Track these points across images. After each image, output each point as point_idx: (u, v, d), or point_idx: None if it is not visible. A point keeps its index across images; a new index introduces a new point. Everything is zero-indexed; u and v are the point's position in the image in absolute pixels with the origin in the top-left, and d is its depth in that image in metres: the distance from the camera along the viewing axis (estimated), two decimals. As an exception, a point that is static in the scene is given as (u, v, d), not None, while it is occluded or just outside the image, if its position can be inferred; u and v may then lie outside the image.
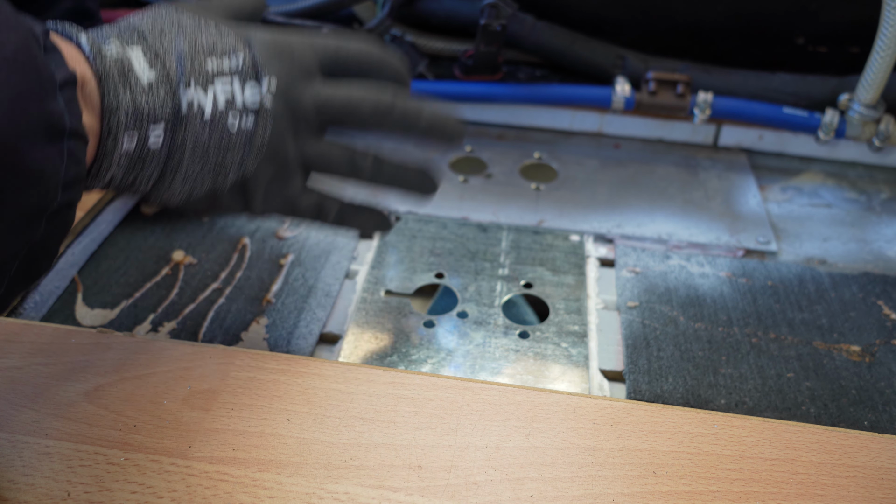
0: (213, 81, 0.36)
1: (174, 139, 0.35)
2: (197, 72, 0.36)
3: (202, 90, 0.35)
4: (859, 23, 0.65)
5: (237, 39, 0.37)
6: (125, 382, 0.39)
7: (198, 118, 0.35)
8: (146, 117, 0.33)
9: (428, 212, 0.59)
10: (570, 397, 0.39)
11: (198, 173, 0.36)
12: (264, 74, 0.37)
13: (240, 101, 0.37)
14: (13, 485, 0.34)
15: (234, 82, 0.36)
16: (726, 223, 0.59)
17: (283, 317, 0.48)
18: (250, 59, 0.37)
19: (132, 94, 0.33)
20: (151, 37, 0.35)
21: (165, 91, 0.34)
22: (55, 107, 0.28)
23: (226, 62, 0.36)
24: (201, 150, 0.36)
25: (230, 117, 0.36)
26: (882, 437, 0.38)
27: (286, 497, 0.34)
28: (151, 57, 0.34)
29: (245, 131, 0.37)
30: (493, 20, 0.65)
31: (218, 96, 0.36)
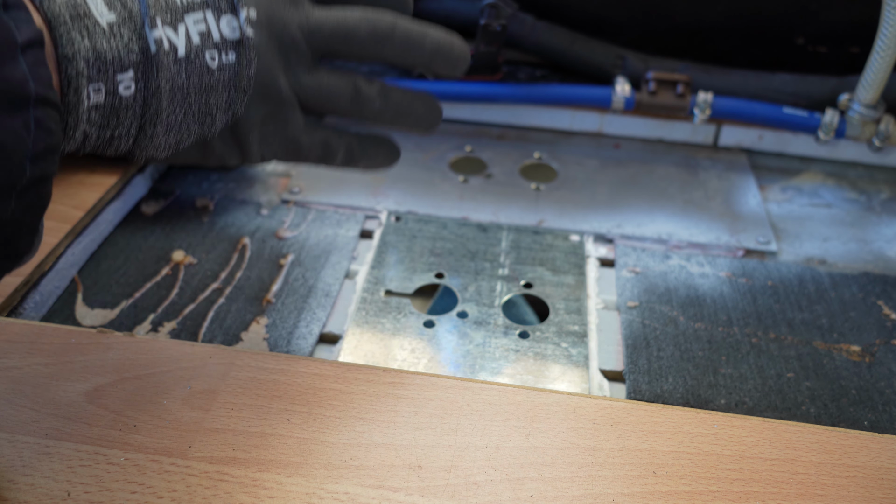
0: (182, 18, 0.32)
1: (147, 85, 0.31)
2: (163, 8, 0.32)
3: (171, 28, 0.32)
4: (859, 23, 0.65)
5: None
6: (125, 382, 0.39)
7: (171, 58, 0.32)
8: (111, 64, 0.30)
9: (428, 212, 0.59)
10: (570, 397, 0.39)
11: (181, 120, 0.33)
12: (241, 3, 0.34)
13: (216, 35, 0.33)
14: (13, 485, 0.34)
15: (208, 15, 0.33)
16: (726, 223, 0.59)
17: (283, 317, 0.48)
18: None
19: (91, 40, 0.30)
20: None
21: (129, 32, 0.31)
22: (15, 72, 0.26)
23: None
24: (181, 93, 0.32)
25: (208, 54, 0.33)
26: (882, 437, 0.38)
27: (286, 497, 0.34)
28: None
29: (228, 67, 0.34)
30: (493, 20, 0.65)
31: (191, 32, 0.32)
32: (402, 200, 0.60)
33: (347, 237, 0.55)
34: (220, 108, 0.34)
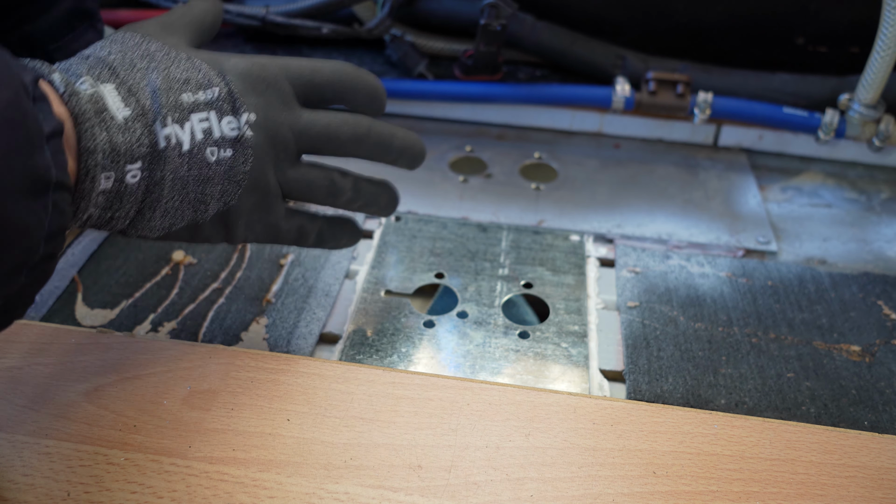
0: (188, 117, 0.35)
1: (152, 175, 0.34)
2: (173, 107, 0.35)
3: (178, 126, 0.35)
4: (859, 23, 0.65)
5: (211, 72, 0.37)
6: (125, 382, 0.39)
7: (175, 152, 0.35)
8: (123, 156, 0.33)
9: (428, 212, 0.59)
10: (570, 397, 0.39)
11: (177, 207, 0.36)
12: (242, 107, 0.37)
13: (217, 133, 0.36)
14: (13, 485, 0.34)
15: (212, 116, 0.36)
16: (726, 223, 0.59)
17: (283, 317, 0.48)
18: (226, 93, 0.37)
19: (108, 134, 0.32)
20: (123, 71, 0.35)
21: (142, 128, 0.34)
22: (42, 160, 0.28)
23: (201, 95, 0.36)
24: (180, 184, 0.35)
25: (208, 150, 0.36)
26: (882, 437, 0.38)
27: (286, 497, 0.34)
28: (125, 93, 0.34)
29: (225, 163, 0.37)
30: (493, 20, 0.65)
31: (195, 130, 0.36)
32: (402, 200, 0.59)
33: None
34: (214, 197, 0.37)
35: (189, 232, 0.38)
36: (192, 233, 0.38)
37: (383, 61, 0.74)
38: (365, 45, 0.77)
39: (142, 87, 0.35)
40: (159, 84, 0.35)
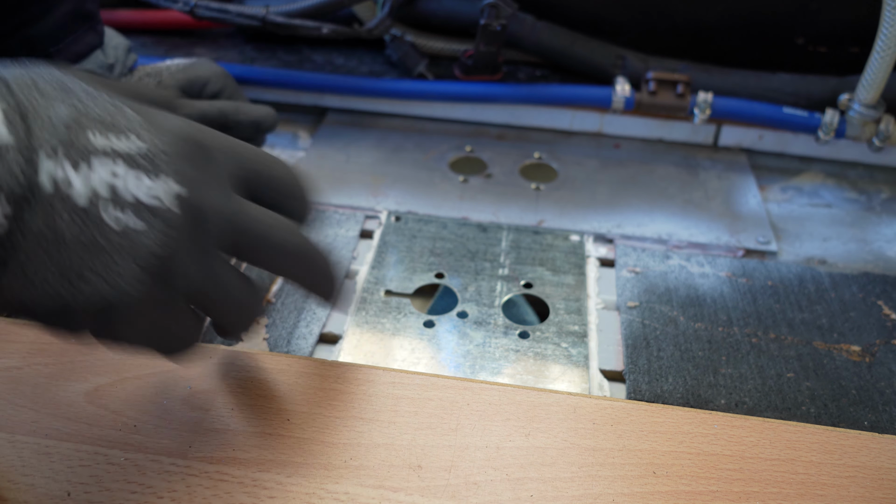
0: (88, 159, 0.27)
1: (24, 225, 0.26)
2: (70, 143, 0.27)
3: (71, 166, 0.27)
4: (859, 23, 0.65)
5: (138, 121, 0.29)
6: (125, 382, 0.39)
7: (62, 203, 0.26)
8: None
9: (428, 212, 0.59)
10: (570, 397, 0.39)
11: (42, 272, 0.27)
12: (170, 174, 0.29)
13: (128, 196, 0.28)
14: (13, 485, 0.34)
15: (124, 172, 0.28)
16: (726, 223, 0.59)
17: (283, 317, 0.48)
18: (152, 148, 0.29)
19: None
20: (21, 93, 0.27)
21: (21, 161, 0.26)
22: None
23: (114, 140, 0.28)
24: (53, 240, 0.27)
25: (111, 213, 0.27)
26: (882, 437, 0.38)
27: (286, 497, 0.34)
28: (12, 115, 0.26)
29: (132, 235, 0.28)
30: (493, 20, 0.65)
31: (98, 182, 0.27)
32: (402, 200, 0.60)
33: (347, 237, 0.55)
34: (101, 274, 0.28)
35: (55, 316, 0.28)
36: (57, 317, 0.28)
37: (383, 61, 0.74)
38: (365, 45, 0.77)
39: (38, 113, 0.27)
40: (64, 114, 0.27)
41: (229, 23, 0.70)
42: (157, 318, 0.30)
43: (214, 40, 0.79)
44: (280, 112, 0.68)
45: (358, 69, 0.73)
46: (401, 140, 0.68)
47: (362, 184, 0.61)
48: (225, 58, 0.74)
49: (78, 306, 0.28)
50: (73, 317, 0.28)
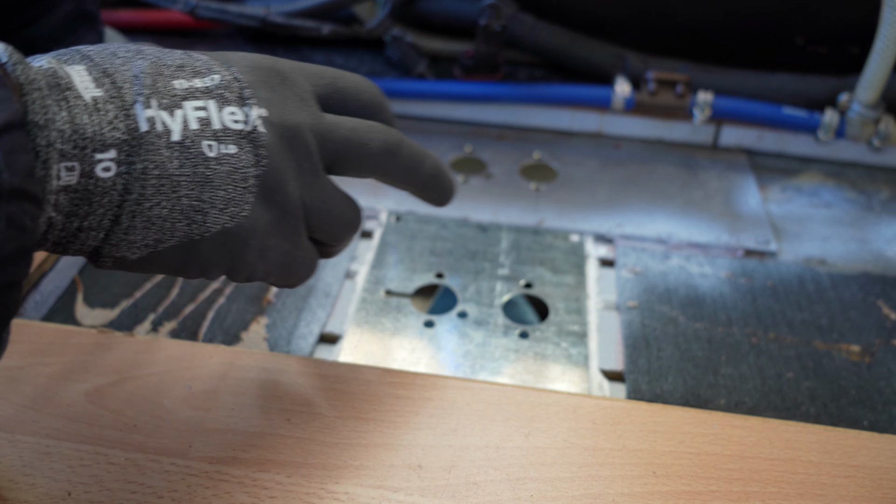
0: (180, 104, 0.29)
1: (131, 169, 0.27)
2: (160, 92, 0.28)
3: (167, 112, 0.28)
4: (859, 23, 0.65)
5: (212, 61, 0.31)
6: (125, 382, 0.39)
7: (162, 141, 0.28)
8: (91, 141, 0.26)
9: (428, 212, 0.59)
10: (570, 397, 0.39)
11: (165, 215, 0.28)
12: (250, 99, 0.31)
13: (217, 124, 0.29)
14: (13, 484, 0.34)
15: (210, 105, 0.29)
16: (726, 223, 0.59)
17: (283, 317, 0.48)
18: (230, 80, 0.31)
19: (69, 113, 0.26)
20: (99, 57, 0.28)
21: (116, 109, 0.27)
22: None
23: (198, 82, 0.30)
24: (170, 183, 0.28)
25: (205, 142, 0.29)
26: (882, 437, 0.38)
27: (286, 497, 0.34)
28: (97, 74, 0.27)
29: (227, 161, 0.29)
30: (493, 20, 0.65)
31: (189, 118, 0.29)
32: (402, 200, 0.60)
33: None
34: (215, 205, 0.29)
35: (182, 254, 0.30)
36: (185, 256, 0.30)
37: (383, 61, 0.74)
38: (365, 46, 0.77)
39: (121, 70, 0.28)
40: (144, 68, 0.29)
41: (229, 23, 0.70)
42: (278, 243, 0.31)
43: (214, 40, 0.79)
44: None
45: (358, 69, 0.73)
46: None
47: (362, 184, 0.61)
48: (225, 58, 0.74)
49: (202, 239, 0.29)
50: (200, 254, 0.30)
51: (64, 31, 0.51)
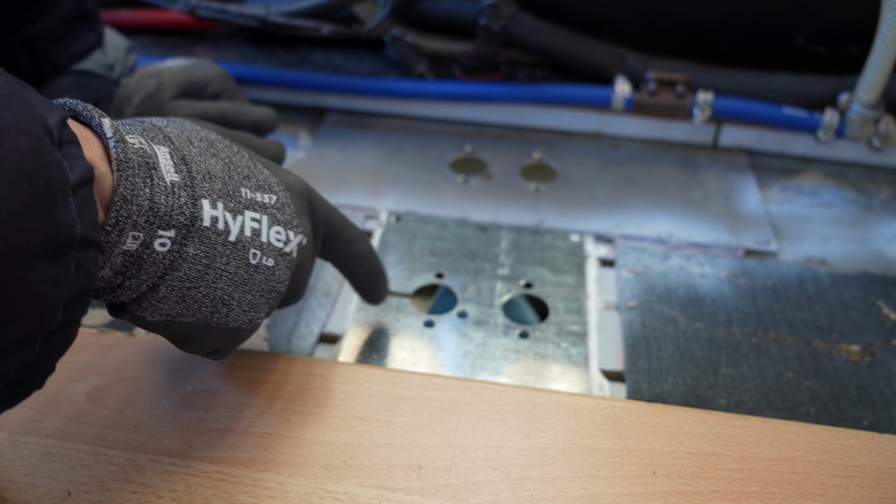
0: (242, 211, 0.33)
1: (183, 251, 0.31)
2: (228, 195, 0.33)
3: (230, 214, 0.32)
4: (859, 23, 0.65)
5: (272, 179, 0.36)
6: (125, 382, 0.39)
7: (219, 238, 0.32)
8: (159, 220, 0.29)
9: (428, 212, 0.59)
10: (570, 397, 0.39)
11: (199, 298, 0.32)
12: (297, 226, 0.36)
13: (265, 237, 0.34)
14: (14, 484, 0.34)
15: (263, 220, 0.34)
16: (726, 223, 0.59)
17: (283, 317, 0.48)
18: (284, 203, 0.36)
19: (151, 192, 0.29)
20: (178, 142, 0.32)
21: (187, 197, 0.30)
22: (65, 216, 0.25)
23: (259, 196, 0.34)
24: (213, 273, 0.32)
25: (252, 251, 0.33)
26: (882, 437, 0.38)
27: (286, 497, 0.34)
28: (178, 160, 0.31)
29: (263, 272, 0.34)
30: (493, 20, 0.65)
31: (245, 226, 0.33)
32: (402, 200, 0.60)
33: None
34: (241, 305, 0.34)
35: (192, 332, 0.33)
36: (194, 334, 0.33)
37: (383, 61, 0.74)
38: (365, 46, 0.77)
39: (197, 161, 0.32)
40: (218, 171, 0.33)
41: (229, 23, 0.70)
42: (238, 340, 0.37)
43: (214, 40, 0.79)
44: (280, 112, 0.68)
45: (358, 69, 0.73)
46: (401, 140, 0.68)
47: (362, 184, 0.61)
48: (225, 58, 0.75)
49: (216, 329, 0.33)
50: (206, 337, 0.33)
51: (63, 31, 0.51)
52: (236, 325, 0.34)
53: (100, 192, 0.28)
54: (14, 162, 0.23)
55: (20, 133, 0.24)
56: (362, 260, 0.42)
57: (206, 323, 0.33)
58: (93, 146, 0.28)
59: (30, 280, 0.24)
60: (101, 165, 0.28)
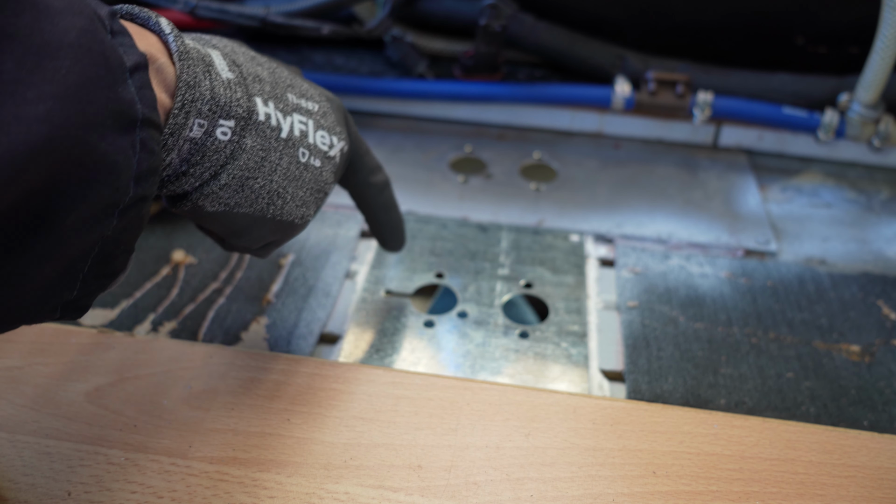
0: (290, 112, 0.35)
1: (242, 140, 0.33)
2: (276, 97, 0.35)
3: (281, 114, 0.35)
4: (859, 23, 0.65)
5: (314, 90, 0.38)
6: (125, 382, 0.39)
7: (273, 133, 0.34)
8: (221, 108, 0.31)
9: (428, 212, 0.59)
10: (570, 397, 0.39)
11: (255, 189, 0.34)
12: (339, 132, 0.38)
13: (311, 140, 0.36)
14: (14, 484, 0.34)
15: (310, 123, 0.36)
16: (726, 223, 0.59)
17: (283, 317, 0.48)
18: (326, 111, 0.38)
19: (211, 83, 0.31)
20: (226, 50, 0.34)
21: (243, 93, 0.33)
22: (126, 94, 0.26)
23: (304, 103, 0.37)
24: (269, 166, 0.34)
25: (301, 149, 0.36)
26: (882, 436, 0.38)
27: (286, 497, 0.34)
28: (229, 62, 0.33)
29: (312, 171, 0.36)
30: (493, 21, 0.65)
31: (294, 125, 0.35)
32: (402, 200, 0.60)
33: (347, 237, 0.55)
34: (294, 200, 0.36)
35: (248, 222, 0.35)
36: (249, 224, 0.35)
37: (383, 61, 0.74)
38: (365, 46, 0.77)
39: (245, 65, 0.34)
40: (265, 76, 0.35)
41: (229, 23, 0.70)
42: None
43: (214, 40, 0.78)
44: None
45: (358, 69, 0.73)
46: (401, 140, 0.68)
47: (362, 184, 0.61)
48: (225, 58, 0.74)
49: (267, 219, 0.35)
50: (261, 228, 0.36)
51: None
52: (290, 219, 0.36)
53: (164, 80, 0.30)
54: (73, 38, 0.25)
55: (74, 13, 0.25)
56: (380, 190, 0.43)
57: (262, 214, 0.35)
58: (150, 40, 0.30)
59: (103, 150, 0.25)
60: (161, 57, 0.30)
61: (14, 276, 0.25)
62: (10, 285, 0.25)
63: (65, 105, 0.24)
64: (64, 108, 0.24)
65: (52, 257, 0.26)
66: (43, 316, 0.28)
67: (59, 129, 0.24)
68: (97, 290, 0.29)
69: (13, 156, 0.23)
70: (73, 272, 0.27)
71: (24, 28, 0.23)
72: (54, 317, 0.28)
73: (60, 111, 0.24)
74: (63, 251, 0.26)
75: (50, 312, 0.28)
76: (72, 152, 0.24)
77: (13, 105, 0.23)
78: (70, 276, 0.27)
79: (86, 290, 0.28)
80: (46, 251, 0.26)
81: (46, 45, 0.24)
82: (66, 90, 0.24)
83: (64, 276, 0.27)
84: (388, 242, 0.46)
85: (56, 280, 0.27)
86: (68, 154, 0.24)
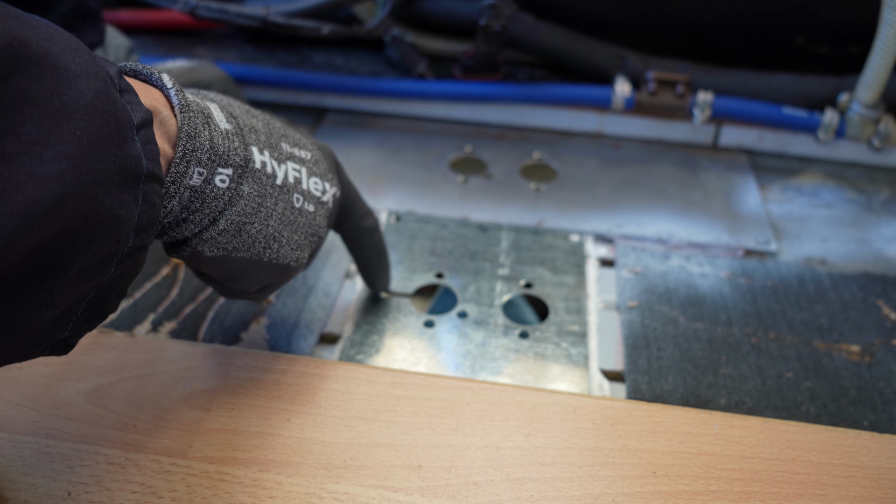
0: (284, 161, 0.37)
1: (239, 187, 0.34)
2: (271, 146, 0.37)
3: (276, 162, 0.36)
4: (859, 23, 0.65)
5: (307, 140, 0.40)
6: (125, 382, 0.39)
7: (268, 180, 0.36)
8: (219, 158, 0.33)
9: (428, 212, 0.59)
10: (570, 397, 0.39)
11: (254, 233, 0.35)
12: (331, 179, 0.40)
13: (305, 186, 0.38)
14: (14, 484, 0.34)
15: (303, 171, 0.38)
16: (726, 223, 0.59)
17: (283, 317, 0.48)
18: (318, 160, 0.40)
19: (209, 134, 0.33)
20: (222, 103, 0.36)
21: (240, 143, 0.34)
22: (132, 150, 0.28)
23: (297, 151, 0.38)
24: (265, 211, 0.36)
25: (295, 195, 0.37)
26: (882, 436, 0.38)
27: (286, 497, 0.34)
28: (227, 114, 0.35)
29: (306, 216, 0.38)
30: (493, 21, 0.65)
31: (288, 173, 0.37)
32: (402, 200, 0.60)
33: (347, 237, 0.55)
34: (289, 243, 0.37)
35: (245, 266, 0.36)
36: (247, 268, 0.36)
37: (383, 61, 0.74)
38: (365, 46, 0.77)
39: (241, 117, 0.36)
40: (260, 127, 0.37)
41: (229, 23, 0.70)
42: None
43: (214, 40, 0.79)
44: (280, 112, 0.68)
45: (358, 69, 0.73)
46: (401, 140, 0.68)
47: (362, 184, 0.61)
48: (225, 58, 0.75)
49: (267, 264, 0.37)
50: (258, 271, 0.37)
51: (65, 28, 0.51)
52: (286, 262, 0.37)
53: (166, 132, 0.31)
54: (88, 100, 0.26)
55: (90, 76, 0.27)
56: (370, 234, 0.45)
57: (259, 258, 0.36)
58: (153, 94, 0.32)
59: (108, 205, 0.27)
60: (164, 110, 0.31)
61: (15, 323, 0.26)
62: (10, 330, 0.27)
63: (77, 164, 0.25)
64: (76, 167, 0.25)
65: (52, 304, 0.27)
66: (33, 354, 0.29)
67: (71, 186, 0.25)
68: (87, 330, 0.31)
69: (28, 213, 0.24)
70: (68, 315, 0.29)
71: (45, 92, 0.25)
72: (43, 353, 0.30)
73: (73, 170, 0.25)
74: (62, 298, 0.27)
75: (40, 351, 0.29)
76: (80, 208, 0.26)
77: (31, 165, 0.24)
78: (64, 320, 0.29)
79: (76, 330, 0.30)
80: (48, 299, 0.27)
81: (65, 107, 0.25)
82: (79, 150, 0.25)
83: (59, 320, 0.28)
84: (376, 283, 0.48)
85: (52, 324, 0.28)
86: (77, 210, 0.26)
